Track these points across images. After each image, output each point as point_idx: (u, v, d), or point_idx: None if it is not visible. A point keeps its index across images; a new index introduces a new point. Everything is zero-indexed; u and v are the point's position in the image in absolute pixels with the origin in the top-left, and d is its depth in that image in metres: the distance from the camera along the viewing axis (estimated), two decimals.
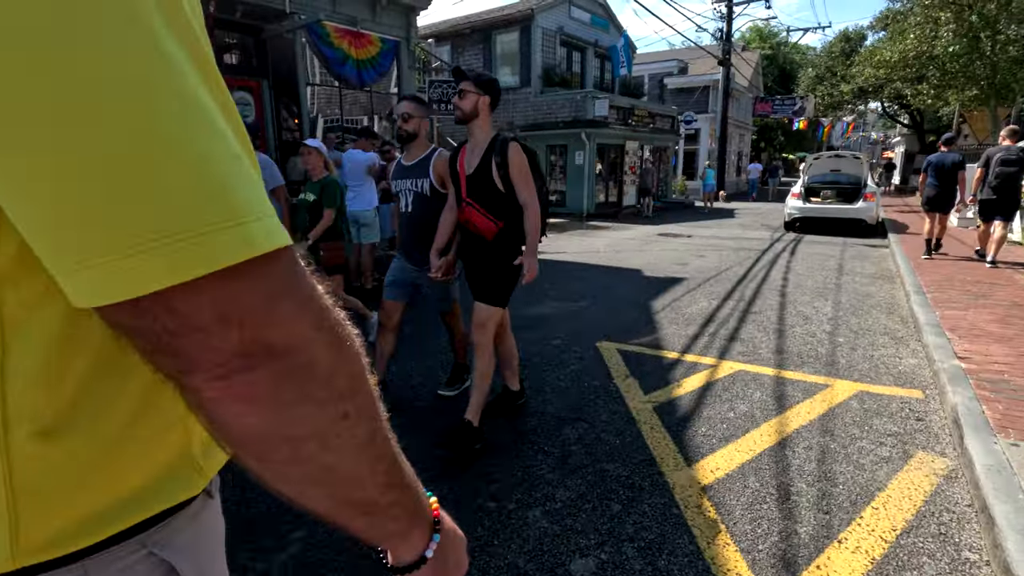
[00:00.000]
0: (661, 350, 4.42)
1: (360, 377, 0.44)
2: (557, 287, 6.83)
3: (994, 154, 7.69)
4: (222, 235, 0.34)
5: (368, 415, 0.45)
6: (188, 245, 0.33)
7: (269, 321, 0.37)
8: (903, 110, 27.74)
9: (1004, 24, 14.10)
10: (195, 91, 0.35)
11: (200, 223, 0.33)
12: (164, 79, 0.33)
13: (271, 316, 0.37)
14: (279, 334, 0.37)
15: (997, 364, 3.73)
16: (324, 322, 0.41)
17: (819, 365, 4.06)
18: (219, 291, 0.35)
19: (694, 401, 3.44)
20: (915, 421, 3.14)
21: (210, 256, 0.34)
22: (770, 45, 40.00)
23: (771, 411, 3.28)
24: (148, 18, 0.33)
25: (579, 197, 16.87)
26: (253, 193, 0.37)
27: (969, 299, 5.61)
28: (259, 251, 0.36)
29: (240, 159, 0.37)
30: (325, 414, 0.41)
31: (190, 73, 0.35)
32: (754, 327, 5.04)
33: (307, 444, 0.41)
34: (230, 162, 0.36)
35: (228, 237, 0.34)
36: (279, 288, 0.38)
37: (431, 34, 18.96)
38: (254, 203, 0.36)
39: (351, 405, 0.43)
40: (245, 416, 0.38)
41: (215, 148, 0.35)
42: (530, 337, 4.79)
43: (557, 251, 9.88)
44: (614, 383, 3.73)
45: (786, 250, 9.78)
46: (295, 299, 0.39)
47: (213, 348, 0.35)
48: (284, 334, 0.38)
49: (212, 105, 0.36)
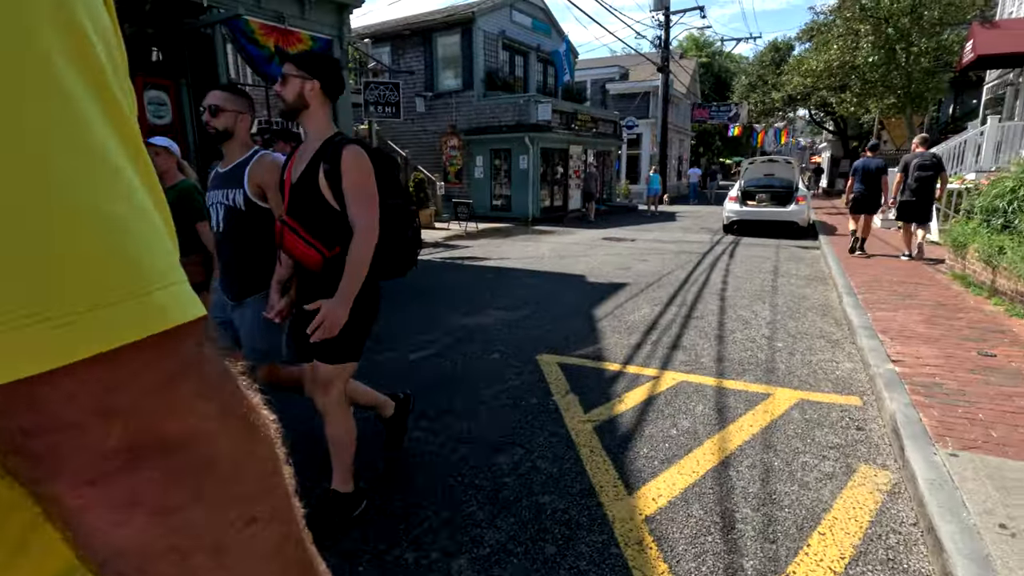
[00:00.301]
0: (603, 362, 4.25)
1: (273, 473, 0.39)
2: (499, 295, 6.60)
3: (911, 160, 8.33)
4: (119, 308, 0.29)
5: (280, 518, 0.39)
6: (70, 321, 0.28)
7: (165, 409, 0.32)
8: (828, 117, 29.32)
9: (916, 37, 15.05)
10: (101, 141, 0.31)
11: (93, 295, 0.29)
12: (62, 127, 0.29)
13: (168, 403, 0.32)
14: (175, 425, 0.32)
15: (928, 367, 3.76)
16: (233, 408, 0.36)
17: (760, 372, 3.99)
18: (104, 376, 0.30)
19: (636, 418, 3.26)
20: (855, 431, 3.08)
21: (99, 334, 0.29)
22: (706, 54, 41.51)
23: (713, 426, 3.15)
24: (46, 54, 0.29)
25: (524, 202, 16.76)
26: (163, 257, 0.32)
27: (897, 299, 5.76)
28: (164, 325, 0.31)
29: (148, 215, 0.33)
30: (225, 519, 0.34)
31: (95, 119, 0.31)
32: (696, 334, 4.97)
33: (198, 556, 0.33)
34: (136, 220, 0.31)
35: (127, 310, 0.30)
36: (181, 368, 0.33)
37: (369, 35, 18.42)
38: (163, 269, 0.32)
39: (260, 507, 0.37)
40: (120, 526, 0.31)
41: (118, 206, 0.31)
42: (468, 351, 4.53)
43: (501, 257, 9.66)
44: (553, 400, 3.52)
45: (725, 253, 9.95)
46: (199, 381, 0.34)
47: (86, 448, 0.30)
48: (182, 424, 0.33)
49: (120, 154, 0.32)
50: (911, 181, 8.24)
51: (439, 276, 7.97)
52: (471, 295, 6.62)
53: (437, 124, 18.20)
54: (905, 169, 8.37)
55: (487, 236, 13.06)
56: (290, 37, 9.19)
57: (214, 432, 0.34)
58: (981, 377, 3.55)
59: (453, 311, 5.86)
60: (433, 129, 18.37)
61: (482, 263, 9.12)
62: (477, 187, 17.64)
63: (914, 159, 8.28)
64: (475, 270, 8.50)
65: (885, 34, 14.99)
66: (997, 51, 12.02)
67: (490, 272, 8.26)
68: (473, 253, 10.24)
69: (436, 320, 5.50)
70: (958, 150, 12.61)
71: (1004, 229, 5.76)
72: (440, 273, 8.26)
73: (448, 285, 7.27)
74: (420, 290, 6.95)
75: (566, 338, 4.86)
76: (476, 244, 11.53)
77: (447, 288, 7.08)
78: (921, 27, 14.92)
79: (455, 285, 7.28)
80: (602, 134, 20.16)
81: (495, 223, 15.91)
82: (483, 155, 17.39)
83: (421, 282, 7.48)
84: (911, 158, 8.39)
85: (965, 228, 6.71)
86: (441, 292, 6.84)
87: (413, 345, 4.71)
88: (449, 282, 7.49)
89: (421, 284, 7.34)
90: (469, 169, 17.80)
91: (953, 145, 12.67)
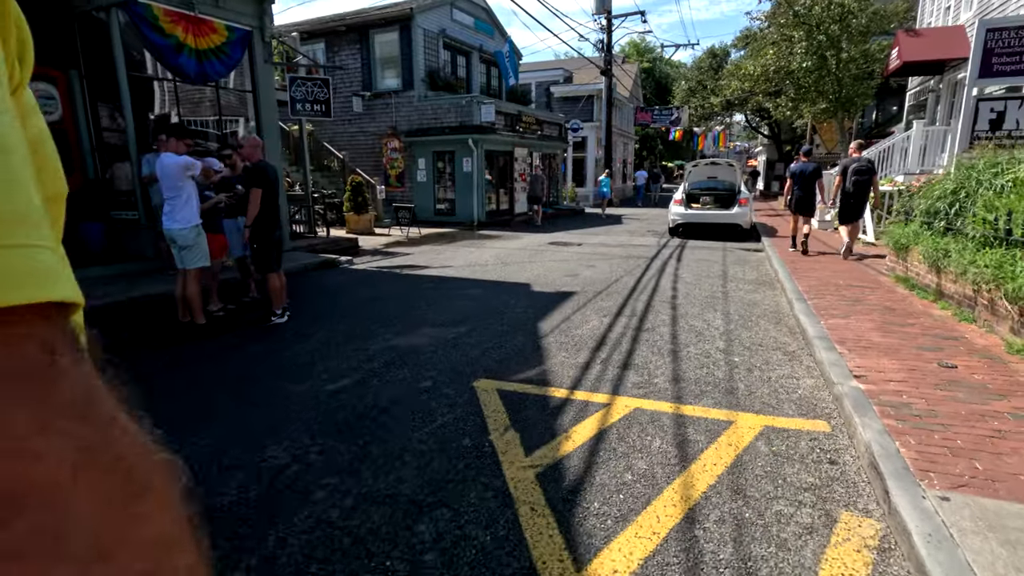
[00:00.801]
0: (548, 387, 3.78)
1: (171, 545, 0.26)
2: (436, 309, 6.04)
3: (849, 164, 8.83)
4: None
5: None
6: None
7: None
8: (764, 122, 30.32)
9: (845, 44, 15.56)
10: None
11: None
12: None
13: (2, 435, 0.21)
14: (12, 470, 0.21)
15: (893, 383, 3.50)
16: (99, 452, 0.24)
17: (719, 394, 3.63)
18: None
19: (585, 460, 2.80)
20: (829, 465, 2.73)
21: None
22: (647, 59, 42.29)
23: (673, 466, 2.73)
24: None
25: (469, 205, 16.22)
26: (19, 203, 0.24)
27: (847, 304, 5.61)
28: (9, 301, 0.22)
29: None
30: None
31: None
32: (648, 349, 4.59)
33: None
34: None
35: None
36: (7, 382, 0.22)
37: (303, 31, 17.40)
38: (16, 217, 0.23)
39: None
40: None
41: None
42: (396, 378, 3.96)
43: (443, 265, 9.09)
44: (490, 440, 3.01)
45: (673, 256, 9.76)
46: (43, 404, 0.23)
47: None
48: (21, 471, 0.21)
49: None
50: (849, 185, 8.74)
51: (374, 287, 7.32)
52: (406, 309, 6.03)
53: (376, 125, 17.41)
54: (844, 172, 8.84)
55: (430, 242, 12.45)
56: (202, 27, 8.29)
57: (63, 486, 0.22)
58: (948, 393, 3.31)
59: (384, 329, 5.26)
60: (372, 130, 17.56)
61: (422, 272, 8.52)
62: (420, 191, 16.96)
63: (852, 163, 8.78)
64: (413, 280, 7.90)
65: (817, 40, 15.41)
66: (921, 58, 12.50)
67: (429, 282, 7.68)
68: (413, 261, 9.62)
69: (363, 341, 4.89)
70: (886, 154, 13.04)
71: (947, 232, 5.72)
72: (375, 284, 7.61)
73: (382, 298, 6.65)
74: (350, 304, 6.30)
75: (507, 359, 4.38)
76: (417, 251, 10.90)
77: (380, 301, 6.46)
78: (850, 34, 15.43)
79: (390, 298, 6.66)
80: (547, 136, 19.89)
81: (439, 228, 15.29)
82: (426, 157, 16.73)
83: (352, 295, 6.82)
84: (849, 162, 8.89)
85: (906, 230, 6.71)
86: (373, 306, 6.21)
87: (332, 373, 4.09)
88: (384, 294, 6.86)
89: (352, 297, 6.68)
90: (411, 172, 17.10)
91: (882, 149, 13.09)
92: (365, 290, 7.17)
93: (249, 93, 9.54)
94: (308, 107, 10.47)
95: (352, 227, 13.86)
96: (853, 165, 8.72)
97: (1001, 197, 5.02)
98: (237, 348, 4.79)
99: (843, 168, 8.89)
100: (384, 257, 10.19)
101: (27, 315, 0.22)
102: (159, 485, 0.26)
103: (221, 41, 8.62)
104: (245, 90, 9.68)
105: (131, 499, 0.25)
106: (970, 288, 4.88)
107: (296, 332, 5.22)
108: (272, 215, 5.33)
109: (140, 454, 0.26)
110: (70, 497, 0.22)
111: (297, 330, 5.28)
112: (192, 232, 4.91)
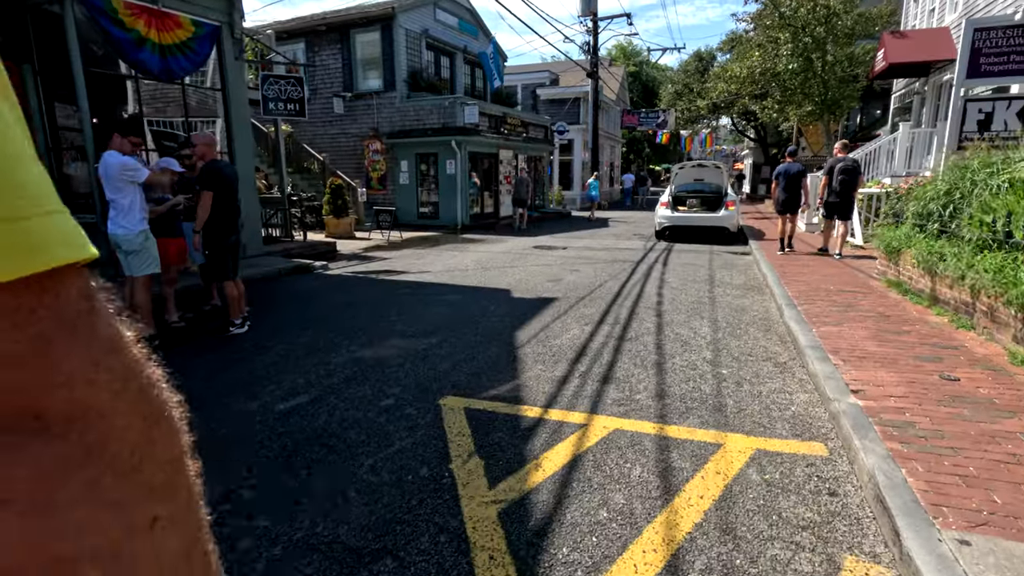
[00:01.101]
0: (521, 405, 3.46)
1: (178, 465, 0.32)
2: (408, 317, 5.70)
3: (835, 164, 8.99)
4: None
5: (185, 521, 0.32)
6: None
7: (41, 378, 0.25)
8: (750, 125, 30.34)
9: (831, 46, 15.48)
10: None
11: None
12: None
13: (45, 370, 0.25)
14: (57, 399, 0.26)
15: (892, 398, 3.23)
16: (131, 381, 0.29)
17: (706, 412, 3.33)
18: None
19: (556, 493, 2.48)
20: (828, 497, 2.43)
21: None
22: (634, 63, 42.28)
23: (655, 500, 2.42)
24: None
25: (452, 208, 15.89)
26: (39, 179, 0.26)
27: (838, 311, 5.36)
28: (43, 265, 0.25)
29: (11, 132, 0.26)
30: (122, 521, 0.28)
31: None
32: (630, 361, 4.29)
33: (88, 569, 0.26)
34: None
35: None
36: (64, 325, 0.26)
37: (283, 30, 16.99)
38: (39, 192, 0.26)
39: (162, 507, 0.30)
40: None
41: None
42: (356, 396, 3.61)
43: (421, 271, 8.74)
44: (451, 470, 2.68)
45: (659, 260, 9.50)
46: (88, 343, 0.27)
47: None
48: (65, 399, 0.26)
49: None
50: (835, 184, 8.94)
51: (346, 294, 6.96)
52: (377, 318, 5.68)
53: (358, 127, 17.03)
54: (830, 172, 9.06)
55: (411, 246, 12.09)
56: (166, 21, 7.90)
57: (107, 409, 0.28)
58: (953, 410, 3.04)
59: (350, 340, 4.91)
60: (354, 132, 17.19)
61: (399, 277, 8.16)
62: (403, 193, 16.60)
63: (837, 163, 8.99)
64: (388, 286, 7.54)
65: (803, 42, 15.31)
66: (907, 59, 12.40)
67: (405, 288, 7.33)
68: (391, 266, 9.26)
69: (326, 353, 4.53)
70: (873, 156, 12.93)
71: (941, 234, 5.49)
72: (349, 290, 7.24)
73: (354, 305, 6.29)
74: (318, 312, 5.93)
75: (479, 373, 4.05)
76: (397, 255, 10.54)
77: (351, 309, 6.10)
78: (835, 36, 15.36)
79: (362, 304, 6.31)
80: (533, 139, 19.62)
81: (422, 231, 14.94)
82: (408, 159, 16.38)
83: (322, 302, 6.45)
84: (835, 162, 9.07)
85: (897, 233, 6.49)
86: (342, 315, 5.85)
87: (287, 390, 3.74)
88: (356, 301, 6.50)
89: (322, 305, 6.32)
90: (394, 174, 16.73)
91: (868, 151, 12.99)
92: (337, 297, 6.80)
93: (219, 91, 9.13)
94: (281, 106, 10.07)
95: (332, 231, 13.46)
96: (839, 164, 8.94)
97: (998, 198, 4.80)
98: (189, 362, 4.41)
99: (829, 168, 9.08)
100: (362, 262, 9.82)
101: (71, 271, 0.26)
102: (170, 414, 0.31)
103: (187, 36, 8.22)
104: (214, 88, 9.28)
105: (153, 419, 0.30)
106: (968, 294, 4.64)
107: (256, 343, 4.86)
108: (228, 219, 4.96)
109: (156, 381, 0.31)
110: (112, 416, 0.27)
111: (257, 341, 4.92)
112: (138, 237, 4.53)
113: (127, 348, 0.29)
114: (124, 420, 0.28)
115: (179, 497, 0.31)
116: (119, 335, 0.29)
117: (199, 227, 4.80)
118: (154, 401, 0.30)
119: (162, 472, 0.30)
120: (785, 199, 9.55)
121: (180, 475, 0.31)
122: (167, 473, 0.30)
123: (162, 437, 0.30)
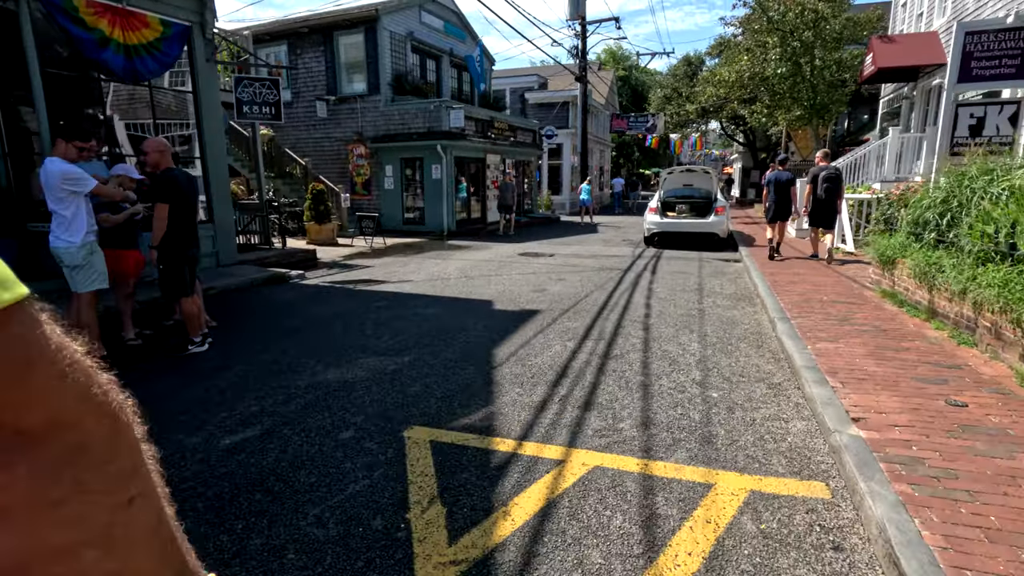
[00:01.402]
0: (493, 437, 3.15)
1: (138, 448, 0.37)
2: (382, 332, 5.37)
3: (818, 173, 9.09)
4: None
5: (152, 494, 0.38)
6: None
7: (21, 401, 0.29)
8: (739, 129, 30.32)
9: (819, 50, 15.37)
10: None
11: None
12: None
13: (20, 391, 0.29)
14: (37, 415, 0.30)
15: (898, 428, 2.96)
16: (91, 387, 0.33)
17: (695, 444, 3.04)
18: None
19: (524, 550, 2.18)
20: (833, 553, 2.15)
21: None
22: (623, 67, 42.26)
23: (637, 560, 2.12)
24: None
25: (438, 214, 15.57)
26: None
27: (834, 324, 5.11)
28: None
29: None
30: (107, 506, 0.33)
31: None
32: (615, 383, 3.99)
33: (87, 552, 0.31)
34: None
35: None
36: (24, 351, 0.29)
37: (264, 32, 16.63)
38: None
39: (135, 485, 0.35)
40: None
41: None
42: (312, 426, 3.29)
43: (401, 280, 8.42)
44: (407, 520, 2.37)
45: (647, 268, 9.24)
46: (51, 363, 0.31)
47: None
48: (42, 411, 0.30)
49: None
50: (820, 192, 9.03)
51: (321, 306, 6.62)
52: (349, 333, 5.35)
53: (342, 131, 16.68)
54: (813, 181, 9.16)
55: (395, 253, 11.76)
56: (132, 20, 7.54)
57: (79, 415, 0.32)
58: (965, 443, 2.77)
59: (317, 358, 4.58)
60: (338, 136, 16.83)
61: (377, 288, 7.83)
62: (388, 199, 16.26)
63: (820, 172, 9.13)
64: (366, 297, 7.21)
65: (791, 47, 15.19)
66: (896, 64, 12.28)
67: (383, 299, 7.00)
68: (371, 275, 8.92)
69: (289, 375, 4.20)
70: (862, 161, 12.79)
71: (939, 244, 5.27)
72: (324, 302, 6.90)
73: (325, 318, 5.95)
74: (287, 327, 5.59)
75: (451, 397, 3.74)
76: (378, 263, 10.21)
77: (323, 323, 5.76)
78: (824, 41, 15.25)
79: (336, 318, 5.97)
80: (521, 143, 19.37)
81: (408, 238, 14.58)
82: (393, 164, 16.05)
83: (293, 315, 6.10)
84: (817, 171, 9.22)
85: (891, 241, 6.26)
86: (312, 330, 5.51)
87: (238, 419, 3.41)
88: (330, 314, 6.17)
89: (292, 318, 5.97)
90: (378, 179, 16.39)
91: (857, 156, 12.84)
92: (310, 309, 6.46)
93: (190, 94, 8.77)
94: (257, 110, 9.72)
95: (313, 237, 13.09)
96: (823, 173, 9.07)
97: (998, 207, 4.57)
98: (139, 385, 4.03)
99: (812, 177, 9.17)
100: (341, 270, 9.47)
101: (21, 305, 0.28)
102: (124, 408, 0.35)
103: (154, 37, 7.87)
104: (184, 90, 8.92)
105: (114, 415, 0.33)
106: (970, 308, 4.40)
107: (215, 363, 4.51)
108: (185, 231, 4.63)
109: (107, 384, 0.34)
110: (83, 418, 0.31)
111: (216, 361, 4.58)
112: (81, 251, 4.18)
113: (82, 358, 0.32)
114: (93, 420, 0.32)
115: (146, 477, 0.36)
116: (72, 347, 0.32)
117: (155, 242, 4.47)
118: (111, 399, 0.34)
119: (129, 458, 0.34)
120: (775, 207, 9.59)
121: (142, 458, 0.36)
122: (133, 459, 0.35)
123: (123, 429, 0.34)
